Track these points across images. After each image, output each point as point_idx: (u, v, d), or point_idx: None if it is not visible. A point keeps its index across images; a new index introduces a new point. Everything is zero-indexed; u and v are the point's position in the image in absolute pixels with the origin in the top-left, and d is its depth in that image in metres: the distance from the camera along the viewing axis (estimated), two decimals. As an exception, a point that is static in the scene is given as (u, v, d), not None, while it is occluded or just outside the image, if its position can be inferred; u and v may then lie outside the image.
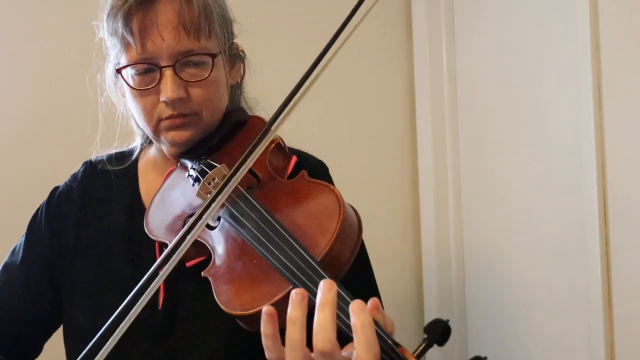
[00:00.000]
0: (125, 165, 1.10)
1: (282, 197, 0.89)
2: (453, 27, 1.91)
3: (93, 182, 1.10)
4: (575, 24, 1.39)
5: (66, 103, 1.68)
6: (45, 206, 1.11)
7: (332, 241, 0.77)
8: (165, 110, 0.96)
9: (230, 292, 0.81)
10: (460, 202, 1.90)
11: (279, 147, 0.99)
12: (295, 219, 0.83)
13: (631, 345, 1.30)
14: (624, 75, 1.31)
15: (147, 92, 0.96)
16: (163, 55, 0.93)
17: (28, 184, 1.65)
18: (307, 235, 0.79)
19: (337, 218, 0.79)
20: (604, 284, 1.34)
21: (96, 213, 1.06)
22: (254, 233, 0.82)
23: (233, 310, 0.78)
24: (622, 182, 1.32)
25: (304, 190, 0.88)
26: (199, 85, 0.96)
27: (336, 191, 0.83)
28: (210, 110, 0.99)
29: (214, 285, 0.83)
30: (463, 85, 1.89)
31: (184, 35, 0.93)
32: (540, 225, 1.57)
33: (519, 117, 1.64)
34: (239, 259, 0.84)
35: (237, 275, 0.83)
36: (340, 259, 0.79)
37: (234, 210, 0.86)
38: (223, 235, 0.88)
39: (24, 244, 1.09)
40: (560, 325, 1.51)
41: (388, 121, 2.02)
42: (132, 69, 0.96)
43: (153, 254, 0.96)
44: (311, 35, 1.82)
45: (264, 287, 0.78)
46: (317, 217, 0.82)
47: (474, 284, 1.85)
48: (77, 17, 1.73)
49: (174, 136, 0.98)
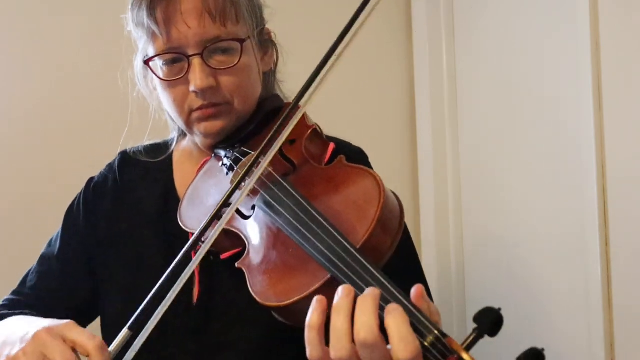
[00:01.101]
0: (161, 157, 1.08)
1: (319, 183, 0.85)
2: (453, 27, 1.91)
3: (128, 172, 1.08)
4: (575, 24, 1.39)
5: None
6: (81, 197, 1.09)
7: (372, 228, 0.73)
8: (195, 100, 0.94)
9: (265, 283, 0.78)
10: (460, 202, 1.90)
11: (315, 133, 0.96)
12: (332, 205, 0.80)
13: (631, 345, 1.30)
14: (624, 75, 1.31)
15: (177, 82, 0.94)
16: (190, 44, 0.91)
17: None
18: (345, 221, 0.76)
19: (377, 203, 0.75)
20: (604, 284, 1.34)
21: (130, 203, 1.05)
22: (289, 220, 0.78)
23: (268, 301, 0.75)
24: (622, 182, 1.32)
25: (341, 175, 0.84)
26: (228, 73, 0.94)
27: (376, 175, 0.80)
28: (242, 98, 0.97)
29: (249, 276, 0.80)
30: (463, 85, 1.88)
31: (209, 22, 0.91)
32: (540, 225, 1.57)
33: (518, 117, 1.64)
34: (274, 249, 0.81)
35: (273, 265, 0.79)
36: (382, 246, 0.75)
37: (268, 197, 0.83)
38: (258, 224, 0.85)
39: (60, 234, 1.08)
40: (560, 325, 1.50)
41: (388, 121, 2.02)
42: (160, 60, 0.94)
43: (189, 255, 0.94)
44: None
45: (300, 277, 0.74)
46: (356, 202, 0.78)
47: (473, 284, 1.85)
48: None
49: (206, 127, 0.96)
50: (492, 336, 0.62)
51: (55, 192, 1.68)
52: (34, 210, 1.67)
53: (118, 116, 1.09)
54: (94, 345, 0.74)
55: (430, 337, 0.62)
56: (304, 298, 0.71)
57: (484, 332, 0.62)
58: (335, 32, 0.80)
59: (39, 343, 0.75)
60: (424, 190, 1.95)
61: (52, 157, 1.69)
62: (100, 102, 1.72)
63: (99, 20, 1.73)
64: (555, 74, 1.51)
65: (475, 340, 0.62)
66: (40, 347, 0.74)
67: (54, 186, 1.68)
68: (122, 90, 1.09)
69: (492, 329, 0.62)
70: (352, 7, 0.80)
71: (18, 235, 1.65)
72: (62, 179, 1.69)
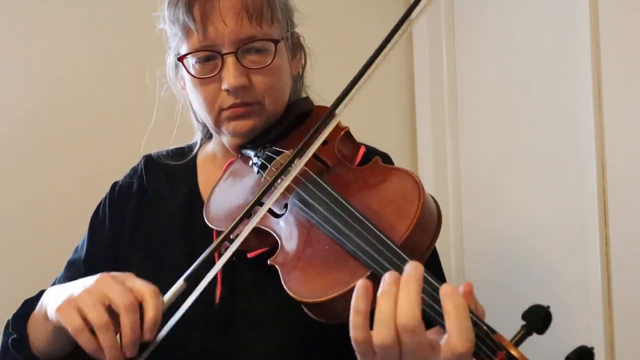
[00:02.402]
0: (184, 160, 1.09)
1: (354, 183, 0.85)
2: (453, 27, 1.91)
3: (152, 175, 1.09)
4: (575, 24, 1.39)
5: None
6: (106, 201, 1.09)
7: (413, 226, 0.73)
8: (227, 99, 0.94)
9: (300, 279, 0.77)
10: (460, 202, 1.90)
11: (348, 135, 0.96)
12: (370, 204, 0.79)
13: (631, 345, 1.30)
14: (624, 75, 1.31)
15: (209, 80, 0.94)
16: (225, 42, 0.92)
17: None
18: (383, 220, 0.75)
19: (417, 203, 0.75)
20: (604, 284, 1.34)
21: (154, 206, 1.05)
22: (326, 217, 0.78)
23: (304, 297, 0.75)
24: (622, 182, 1.32)
25: (378, 175, 0.84)
26: (261, 73, 0.94)
27: (415, 176, 0.80)
28: (273, 99, 0.97)
29: (282, 273, 0.79)
30: (463, 85, 1.88)
31: (246, 21, 0.92)
32: (540, 225, 1.57)
33: (518, 117, 1.64)
34: (310, 246, 0.80)
35: (308, 262, 0.79)
36: (421, 246, 0.75)
37: (304, 195, 0.83)
38: (291, 221, 0.85)
39: (87, 240, 1.08)
40: (560, 325, 1.50)
41: (388, 121, 2.02)
42: (193, 57, 0.95)
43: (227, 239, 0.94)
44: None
45: (338, 274, 0.74)
46: (395, 202, 0.78)
47: (473, 283, 1.84)
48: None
49: (236, 126, 0.96)
50: (540, 333, 0.63)
51: (55, 192, 1.68)
52: (34, 211, 1.67)
53: (118, 116, 1.10)
54: (149, 291, 0.76)
55: (481, 333, 0.62)
56: (342, 295, 0.71)
57: (532, 328, 0.62)
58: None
59: (102, 285, 0.77)
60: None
61: (52, 157, 1.69)
62: (100, 102, 1.72)
63: (101, 20, 1.73)
64: (555, 74, 1.51)
65: (524, 337, 0.62)
66: (104, 288, 0.77)
67: (53, 186, 1.68)
68: (123, 90, 1.09)
69: (541, 326, 0.62)
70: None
71: (22, 237, 1.65)
72: (62, 179, 1.69)
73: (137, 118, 1.10)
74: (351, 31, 1.94)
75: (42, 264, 1.57)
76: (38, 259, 1.62)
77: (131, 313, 0.74)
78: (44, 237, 1.66)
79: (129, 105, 1.18)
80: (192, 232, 0.99)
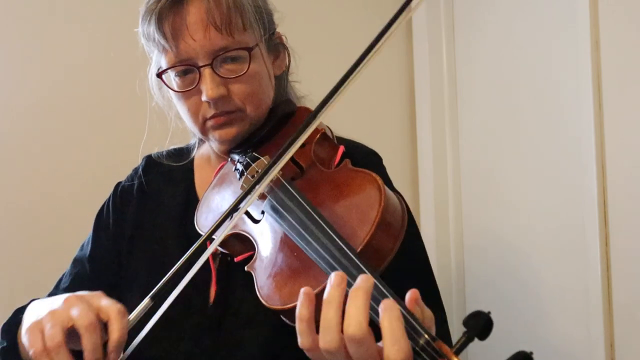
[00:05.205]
0: (183, 161, 1.11)
1: (324, 187, 0.86)
2: (453, 27, 1.91)
3: (152, 176, 1.11)
4: (575, 24, 1.39)
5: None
6: (110, 200, 1.12)
7: (372, 231, 0.73)
8: (209, 110, 0.96)
9: (271, 286, 0.79)
10: (460, 201, 1.90)
11: (324, 136, 0.97)
12: (335, 208, 0.80)
13: (631, 345, 1.31)
14: (624, 75, 1.31)
15: (190, 93, 0.96)
16: (199, 55, 0.93)
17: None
18: (346, 224, 0.76)
19: (377, 206, 0.74)
20: (604, 284, 1.34)
21: (154, 206, 1.08)
22: (292, 224, 0.79)
23: (273, 304, 0.76)
24: (622, 182, 1.32)
25: (345, 178, 0.84)
26: (239, 81, 0.96)
27: (377, 178, 0.79)
28: (254, 105, 0.98)
29: (256, 279, 0.81)
30: (463, 85, 1.89)
31: (215, 33, 0.92)
32: (540, 225, 1.57)
33: (518, 117, 1.64)
34: (280, 252, 0.82)
35: (278, 269, 0.80)
36: (382, 249, 0.75)
37: (274, 202, 0.85)
38: (266, 228, 0.86)
39: (91, 238, 1.10)
40: (560, 325, 1.51)
41: (388, 121, 2.02)
42: (172, 72, 0.96)
43: (204, 248, 0.95)
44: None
45: (303, 281, 0.75)
46: (358, 205, 0.78)
47: (473, 284, 1.85)
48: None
49: (221, 134, 0.98)
50: (481, 339, 0.63)
51: (55, 193, 1.68)
52: (35, 211, 1.67)
53: (119, 117, 1.10)
54: (115, 310, 0.76)
55: (421, 341, 0.63)
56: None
57: (473, 335, 0.62)
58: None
59: (67, 306, 0.77)
60: (424, 190, 1.95)
61: (52, 157, 1.69)
62: (101, 102, 1.73)
63: (102, 20, 1.73)
64: (556, 74, 1.51)
65: (465, 344, 0.62)
66: (67, 309, 0.77)
67: (53, 186, 1.68)
68: (124, 91, 1.09)
69: (481, 333, 0.62)
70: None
71: (22, 237, 1.65)
72: (62, 180, 1.69)
73: (138, 119, 1.11)
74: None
75: (42, 263, 1.58)
76: (38, 259, 1.62)
77: (90, 333, 0.74)
78: (44, 237, 1.66)
79: (130, 105, 1.19)
80: (189, 232, 1.01)
